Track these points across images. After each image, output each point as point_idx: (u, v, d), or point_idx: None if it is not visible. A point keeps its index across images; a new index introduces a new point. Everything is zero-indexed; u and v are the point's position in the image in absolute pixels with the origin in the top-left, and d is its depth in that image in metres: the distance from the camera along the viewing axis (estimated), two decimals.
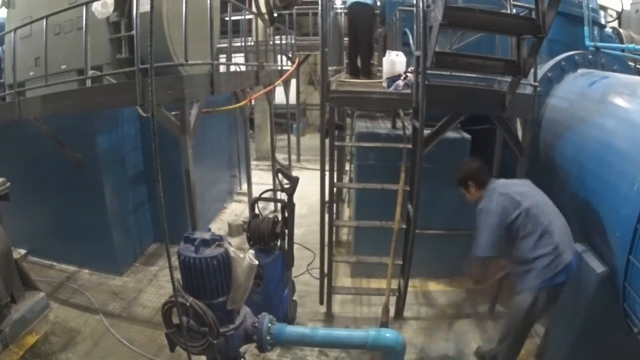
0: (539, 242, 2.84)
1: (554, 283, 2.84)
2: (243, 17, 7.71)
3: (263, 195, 4.20)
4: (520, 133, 4.04)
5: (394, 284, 4.29)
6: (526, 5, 3.52)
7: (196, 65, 4.04)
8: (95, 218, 5.09)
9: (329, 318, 4.47)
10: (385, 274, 4.18)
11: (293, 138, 10.72)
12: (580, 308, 3.04)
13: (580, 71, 4.27)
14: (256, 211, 4.06)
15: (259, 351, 2.56)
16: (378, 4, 5.79)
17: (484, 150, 4.78)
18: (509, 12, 3.64)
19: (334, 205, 4.63)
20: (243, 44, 7.71)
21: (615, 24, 6.76)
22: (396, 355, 2.56)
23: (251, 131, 10.49)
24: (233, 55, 5.66)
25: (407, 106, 4.01)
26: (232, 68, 6.30)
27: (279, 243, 3.98)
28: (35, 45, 4.08)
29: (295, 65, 9.70)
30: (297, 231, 4.99)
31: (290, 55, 10.04)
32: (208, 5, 4.01)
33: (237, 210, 7.76)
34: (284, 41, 9.37)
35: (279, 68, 8.38)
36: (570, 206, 3.36)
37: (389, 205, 4.16)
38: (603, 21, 5.49)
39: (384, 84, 4.56)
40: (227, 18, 5.29)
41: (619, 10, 7.08)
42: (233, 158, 8.38)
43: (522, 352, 3.79)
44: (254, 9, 6.37)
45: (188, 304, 2.21)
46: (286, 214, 3.97)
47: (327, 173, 4.06)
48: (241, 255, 2.31)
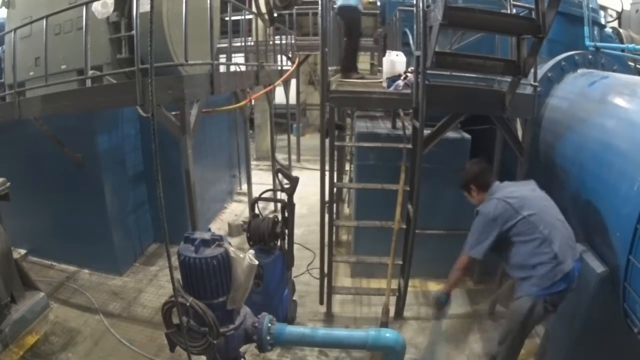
0: (538, 250, 2.82)
1: (552, 291, 2.81)
2: (243, 17, 7.70)
3: (263, 195, 4.20)
4: (520, 133, 4.05)
5: (394, 284, 4.29)
6: (526, 5, 3.52)
7: (196, 65, 4.04)
8: (95, 218, 5.09)
9: (329, 318, 4.47)
10: (385, 274, 4.18)
11: (293, 138, 10.72)
12: (580, 308, 3.04)
13: (580, 71, 4.27)
14: (256, 211, 4.06)
15: (259, 351, 2.56)
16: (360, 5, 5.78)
17: (484, 150, 4.78)
18: (509, 12, 3.64)
19: (334, 205, 4.63)
20: (243, 44, 7.71)
21: (615, 24, 6.76)
22: (396, 355, 2.55)
23: (251, 131, 10.49)
24: (233, 55, 5.65)
25: (407, 106, 4.01)
26: (232, 68, 6.30)
27: (279, 243, 3.98)
28: (35, 45, 4.08)
29: (295, 65, 9.70)
30: (297, 231, 4.99)
31: (290, 55, 10.04)
32: (208, 5, 4.01)
33: (237, 210, 7.76)
34: (284, 41, 9.36)
35: (279, 68, 8.37)
36: (570, 206, 3.36)
37: (389, 205, 4.16)
38: (603, 21, 5.49)
39: (384, 84, 4.56)
40: (227, 18, 5.29)
41: (619, 10, 7.08)
42: (233, 158, 8.38)
43: (522, 352, 3.79)
44: (254, 9, 6.37)
45: (188, 304, 2.21)
46: (286, 214, 3.97)
47: (327, 173, 4.06)
48: (241, 255, 2.31)
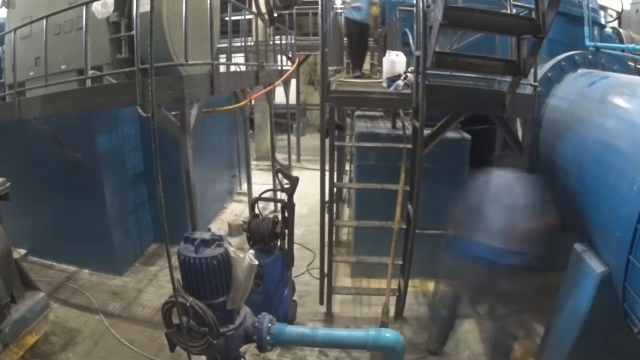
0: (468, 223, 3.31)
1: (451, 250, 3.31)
2: (243, 17, 7.70)
3: (263, 195, 4.20)
4: (520, 133, 4.05)
5: (394, 284, 4.29)
6: (526, 5, 3.51)
7: (196, 65, 4.04)
8: (95, 218, 5.09)
9: (329, 318, 4.47)
10: (385, 274, 4.18)
11: (293, 138, 10.73)
12: (580, 308, 3.04)
13: (580, 71, 4.27)
14: (256, 211, 4.06)
15: (259, 351, 2.57)
16: (366, 17, 6.27)
17: (484, 150, 4.78)
18: (509, 12, 3.64)
19: (334, 205, 4.64)
20: (243, 44, 7.71)
21: (615, 24, 6.76)
22: (396, 355, 2.55)
23: (251, 131, 10.50)
24: (233, 55, 5.66)
25: (407, 106, 4.01)
26: (232, 68, 6.30)
27: (279, 243, 3.98)
28: (35, 45, 4.08)
29: (295, 65, 9.70)
30: (297, 231, 4.99)
31: (290, 55, 10.04)
32: (208, 5, 4.01)
33: (237, 210, 7.76)
34: (284, 41, 9.36)
35: (279, 68, 8.38)
36: (570, 206, 3.36)
37: (389, 205, 4.16)
38: (603, 21, 5.50)
39: (384, 84, 4.56)
40: (227, 18, 5.29)
41: (619, 10, 7.08)
42: (233, 158, 8.38)
43: (522, 352, 3.81)
44: (254, 9, 6.37)
45: (188, 304, 2.21)
46: (286, 214, 3.97)
47: (327, 173, 4.07)
48: (241, 255, 2.31)
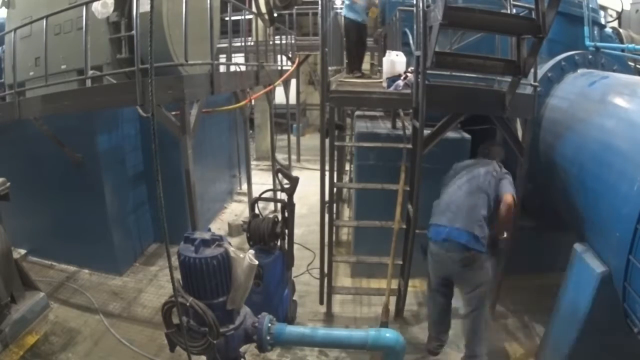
0: (435, 209, 3.57)
1: (433, 243, 3.49)
2: (243, 17, 7.71)
3: (263, 195, 4.20)
4: (520, 133, 4.05)
5: (394, 284, 4.29)
6: (526, 5, 3.52)
7: (196, 65, 4.04)
8: (95, 218, 5.09)
9: (329, 318, 4.47)
10: (385, 274, 4.18)
11: (293, 138, 10.72)
12: (580, 308, 3.04)
13: (580, 71, 4.27)
14: (256, 211, 4.06)
15: (259, 351, 2.57)
16: (365, 19, 6.38)
17: None
18: (509, 12, 3.64)
19: (334, 205, 4.63)
20: (243, 44, 7.71)
21: (615, 24, 6.76)
22: (396, 355, 2.56)
23: (251, 131, 10.50)
24: (233, 55, 5.66)
25: (407, 106, 4.01)
26: (232, 68, 6.30)
27: (279, 243, 3.98)
28: (35, 45, 4.08)
29: (295, 65, 9.70)
30: (297, 231, 4.99)
31: (290, 55, 10.04)
32: (208, 5, 4.01)
33: (237, 210, 7.76)
34: (284, 41, 9.37)
35: (279, 68, 8.38)
36: (570, 206, 3.36)
37: (389, 205, 4.16)
38: (603, 21, 5.49)
39: (384, 84, 4.56)
40: (227, 18, 5.29)
41: (619, 10, 7.08)
42: (233, 158, 8.38)
43: (522, 352, 3.82)
44: (254, 9, 6.37)
45: (188, 304, 2.21)
46: (286, 214, 3.97)
47: (327, 173, 4.07)
48: (241, 255, 2.31)
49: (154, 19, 1.75)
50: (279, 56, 8.91)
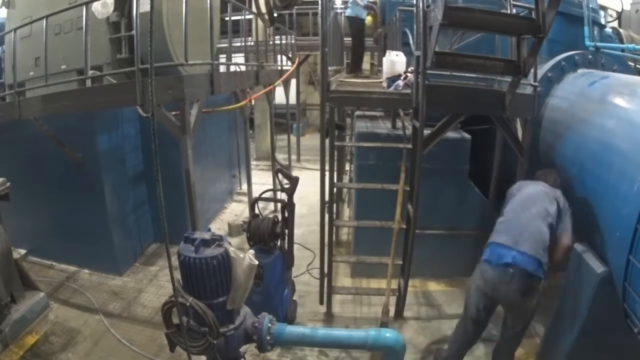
0: (499, 226, 3.22)
1: (491, 265, 3.08)
2: (243, 17, 7.71)
3: (263, 195, 4.20)
4: (520, 133, 4.05)
5: (394, 284, 4.29)
6: (526, 5, 3.52)
7: (196, 65, 4.04)
8: (95, 218, 5.09)
9: (329, 318, 4.47)
10: (385, 274, 4.18)
11: (293, 138, 10.73)
12: (580, 308, 3.04)
13: (580, 71, 4.27)
14: (256, 211, 4.06)
15: (259, 351, 2.56)
16: (358, 13, 6.64)
17: (484, 150, 4.78)
18: (509, 12, 3.64)
19: (334, 205, 4.63)
20: (243, 44, 7.71)
21: (615, 24, 6.76)
22: (396, 355, 2.55)
23: (251, 131, 10.50)
24: (233, 55, 5.66)
25: (407, 106, 4.01)
26: (232, 68, 6.30)
27: (279, 243, 3.98)
28: (35, 45, 4.08)
29: (295, 65, 9.70)
30: (297, 231, 4.99)
31: (290, 55, 10.04)
32: (208, 5, 4.01)
33: (237, 210, 7.75)
34: (284, 41, 9.37)
35: (279, 68, 8.38)
36: (570, 206, 3.35)
37: (389, 205, 4.16)
38: (603, 21, 5.49)
39: (384, 84, 4.56)
40: (227, 18, 5.29)
41: (619, 10, 7.08)
42: (233, 158, 8.38)
43: (522, 352, 3.81)
44: (254, 9, 6.37)
45: (188, 304, 2.21)
46: (286, 214, 3.97)
47: (327, 173, 4.06)
48: (241, 255, 2.31)
49: (154, 19, 1.75)
50: (279, 56, 8.91)
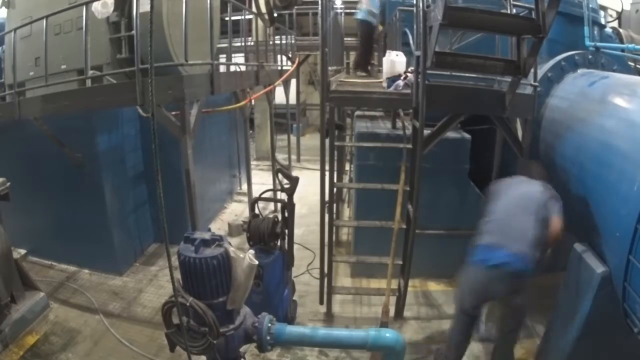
0: (487, 227, 3.20)
1: (481, 266, 3.09)
2: (243, 17, 7.70)
3: (263, 195, 4.20)
4: (520, 133, 4.05)
5: (394, 284, 4.29)
6: (526, 5, 3.52)
7: (196, 65, 4.04)
8: (95, 218, 5.09)
9: (329, 318, 4.47)
10: (385, 274, 4.18)
11: (293, 138, 10.72)
12: (580, 308, 3.04)
13: (580, 71, 4.27)
14: (256, 211, 4.06)
15: (259, 351, 2.56)
16: (374, 20, 6.59)
17: (484, 150, 4.78)
18: (509, 12, 3.64)
19: (334, 205, 4.63)
20: (243, 44, 7.71)
21: (615, 24, 6.76)
22: (396, 355, 2.55)
23: (251, 131, 10.49)
24: (233, 55, 5.66)
25: (407, 106, 4.01)
26: (232, 68, 6.30)
27: (279, 243, 3.98)
28: (35, 45, 4.08)
29: (295, 65, 9.70)
30: (297, 231, 4.99)
31: (290, 55, 10.04)
32: (208, 5, 4.01)
33: (237, 210, 7.76)
34: (284, 41, 9.36)
35: (279, 68, 8.38)
36: (570, 206, 3.36)
37: (389, 205, 4.16)
38: (603, 21, 5.49)
39: (384, 84, 4.56)
40: (227, 18, 5.29)
41: (619, 10, 7.08)
42: (233, 158, 8.38)
43: (522, 352, 3.81)
44: (254, 9, 6.37)
45: (188, 304, 2.21)
46: (286, 214, 3.97)
47: (327, 173, 4.06)
48: (241, 255, 2.31)
49: (154, 19, 1.75)
50: (279, 56, 8.91)
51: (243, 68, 6.27)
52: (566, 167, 3.63)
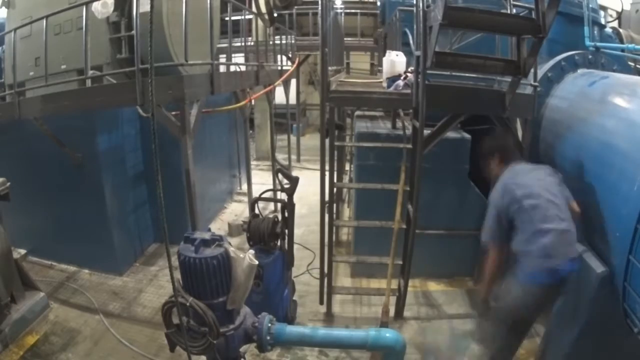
0: (531, 239, 2.81)
1: (538, 282, 2.78)
2: (243, 17, 7.70)
3: (263, 195, 4.20)
4: (520, 133, 4.05)
5: (394, 284, 4.29)
6: (526, 5, 3.52)
7: (196, 65, 4.04)
8: (95, 218, 5.09)
9: (329, 318, 4.47)
10: (385, 274, 4.18)
11: (293, 138, 10.73)
12: (580, 308, 3.04)
13: (580, 71, 4.27)
14: (256, 211, 4.06)
15: (259, 351, 2.56)
16: None
17: None
18: (509, 12, 3.63)
19: (334, 205, 4.64)
20: (243, 44, 7.71)
21: (615, 24, 6.76)
22: (396, 355, 2.55)
23: (251, 131, 10.49)
24: (233, 55, 5.66)
25: (407, 106, 4.01)
26: (232, 68, 6.30)
27: (279, 243, 3.98)
28: (35, 45, 4.07)
29: (295, 65, 9.70)
30: (297, 231, 4.99)
31: (290, 55, 10.04)
32: (208, 5, 4.01)
33: (237, 210, 7.76)
34: (284, 41, 9.36)
35: (279, 68, 8.38)
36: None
37: (389, 205, 4.16)
38: (603, 21, 5.49)
39: (384, 84, 4.56)
40: (227, 18, 5.29)
41: (619, 10, 7.08)
42: (233, 158, 8.38)
43: (522, 352, 3.81)
44: (254, 9, 6.37)
45: (188, 304, 2.21)
46: (286, 214, 3.97)
47: (327, 173, 4.06)
48: (241, 255, 2.31)
49: (154, 19, 1.75)
50: (279, 56, 8.91)
51: (243, 68, 6.27)
52: (566, 167, 3.63)
